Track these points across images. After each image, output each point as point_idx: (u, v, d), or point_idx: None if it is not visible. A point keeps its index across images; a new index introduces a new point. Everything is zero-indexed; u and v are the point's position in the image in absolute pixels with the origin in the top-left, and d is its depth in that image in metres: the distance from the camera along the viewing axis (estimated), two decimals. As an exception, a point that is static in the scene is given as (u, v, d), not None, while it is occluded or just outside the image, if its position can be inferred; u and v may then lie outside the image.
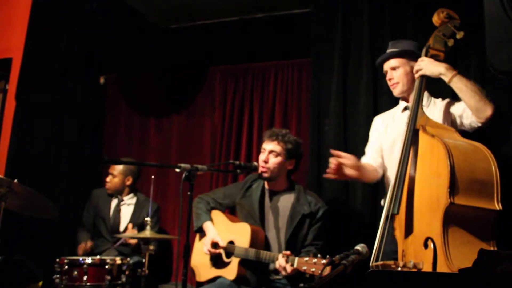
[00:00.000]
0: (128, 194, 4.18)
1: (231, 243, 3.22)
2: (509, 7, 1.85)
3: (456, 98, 2.73)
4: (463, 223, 2.12)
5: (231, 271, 3.16)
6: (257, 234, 3.16)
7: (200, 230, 3.35)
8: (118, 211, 4.11)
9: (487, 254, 1.51)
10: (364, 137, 3.29)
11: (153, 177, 3.54)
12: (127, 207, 4.15)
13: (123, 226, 4.06)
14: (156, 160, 4.62)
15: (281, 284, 3.14)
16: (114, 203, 4.15)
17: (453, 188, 2.11)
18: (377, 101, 3.51)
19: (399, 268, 2.18)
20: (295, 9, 4.22)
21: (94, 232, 4.11)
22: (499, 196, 2.15)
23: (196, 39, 4.56)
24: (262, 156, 3.24)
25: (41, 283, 3.77)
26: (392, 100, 3.19)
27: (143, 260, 3.29)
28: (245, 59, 4.45)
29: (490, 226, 2.16)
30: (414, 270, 2.14)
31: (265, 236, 3.21)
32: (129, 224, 3.97)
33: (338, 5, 3.75)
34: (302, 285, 2.81)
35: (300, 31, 4.06)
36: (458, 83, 2.55)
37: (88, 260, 3.25)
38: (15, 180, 3.02)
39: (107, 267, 3.23)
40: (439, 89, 2.95)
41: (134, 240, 3.84)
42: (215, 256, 3.28)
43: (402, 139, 2.48)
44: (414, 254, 2.23)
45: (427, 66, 2.62)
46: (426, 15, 2.77)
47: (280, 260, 2.88)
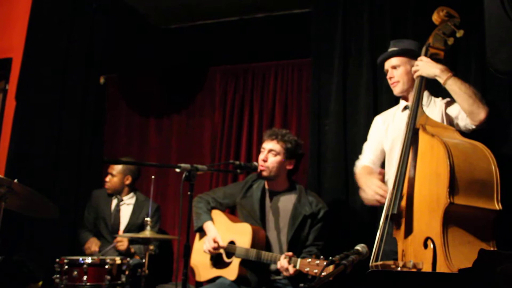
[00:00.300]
0: (127, 194, 4.17)
1: (232, 243, 3.21)
2: (509, 7, 1.85)
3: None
4: (463, 223, 2.12)
5: (232, 271, 3.15)
6: (258, 234, 3.16)
7: (201, 230, 3.34)
8: (117, 211, 4.11)
9: (487, 254, 1.51)
10: (364, 137, 3.28)
11: (153, 177, 3.54)
12: (126, 207, 4.14)
13: (123, 226, 4.05)
14: (156, 160, 4.62)
15: (281, 284, 3.13)
16: (114, 203, 4.15)
17: (452, 188, 2.11)
18: (377, 101, 3.51)
19: (399, 268, 2.18)
20: (295, 9, 4.22)
21: (95, 232, 4.11)
22: (499, 196, 2.15)
23: (196, 39, 4.56)
24: (261, 155, 3.25)
25: (41, 283, 3.77)
26: (392, 100, 3.19)
27: (143, 260, 3.29)
28: (245, 59, 4.45)
29: (490, 226, 2.16)
30: (414, 270, 2.14)
31: (265, 236, 3.21)
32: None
33: (338, 5, 3.75)
34: (302, 285, 2.80)
35: (300, 31, 4.06)
36: (452, 86, 2.56)
37: (88, 260, 3.25)
38: (15, 180, 3.02)
39: (107, 267, 3.23)
40: (439, 88, 2.95)
41: (124, 246, 3.83)
42: (216, 256, 3.28)
43: (402, 139, 2.47)
44: (414, 254, 2.23)
45: (423, 66, 2.63)
46: (426, 14, 2.77)
47: (282, 261, 2.88)
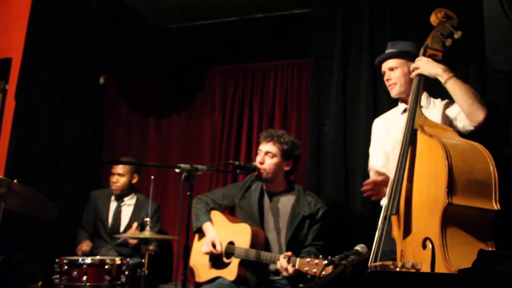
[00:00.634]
0: (128, 194, 4.18)
1: (231, 243, 3.22)
2: (508, 8, 1.85)
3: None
4: (462, 224, 2.12)
5: (231, 271, 3.16)
6: (257, 235, 3.16)
7: (200, 231, 3.35)
8: (119, 212, 4.11)
9: (486, 254, 1.50)
10: (364, 137, 3.29)
11: (152, 177, 3.54)
12: (127, 207, 4.14)
13: (123, 226, 4.05)
14: (156, 160, 4.62)
15: (281, 285, 3.13)
16: (113, 204, 4.14)
17: (451, 188, 2.10)
18: (377, 101, 3.51)
19: (398, 269, 2.18)
20: (295, 9, 4.21)
21: (93, 233, 4.11)
22: (498, 196, 2.14)
23: (196, 39, 4.55)
24: (258, 158, 3.24)
25: (40, 283, 3.78)
26: (392, 100, 3.18)
27: (143, 260, 3.29)
28: (245, 59, 4.44)
29: (488, 226, 2.15)
30: (413, 270, 2.14)
31: (265, 237, 3.21)
32: (134, 223, 3.94)
33: (338, 5, 3.75)
34: (301, 285, 2.80)
35: (300, 31, 4.05)
36: (453, 86, 2.55)
37: (88, 260, 3.25)
38: (15, 180, 3.02)
39: (106, 267, 3.23)
40: (438, 89, 2.95)
41: (134, 241, 3.83)
42: (215, 256, 3.28)
43: (401, 140, 2.47)
44: (413, 254, 2.22)
45: (424, 65, 2.61)
46: (426, 14, 2.76)
47: (281, 261, 2.88)
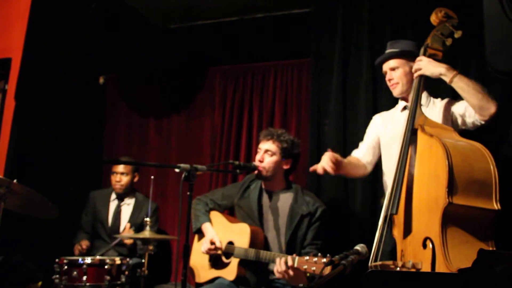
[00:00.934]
0: (130, 193, 4.18)
1: (231, 243, 3.21)
2: (508, 7, 1.85)
3: (456, 97, 2.72)
4: (462, 223, 2.12)
5: (230, 271, 3.15)
6: (256, 235, 3.16)
7: (199, 232, 3.35)
8: (118, 212, 4.11)
9: (486, 254, 1.50)
10: (364, 137, 3.28)
11: (152, 177, 3.54)
12: (126, 207, 4.14)
13: (123, 226, 4.06)
14: (156, 160, 4.62)
15: (280, 284, 3.13)
16: (113, 204, 4.14)
17: (451, 188, 2.10)
18: (377, 101, 3.51)
19: (398, 268, 2.18)
20: (295, 9, 4.21)
21: (93, 233, 4.11)
22: (498, 196, 2.15)
23: (196, 39, 4.55)
24: (257, 156, 3.24)
25: (40, 283, 3.78)
26: (392, 100, 3.19)
27: (143, 260, 3.29)
28: (245, 59, 4.44)
29: (489, 226, 2.15)
30: (413, 270, 2.14)
31: (264, 236, 3.21)
32: (127, 224, 3.96)
33: (338, 5, 3.75)
34: (301, 285, 2.80)
35: (300, 31, 4.05)
36: (459, 83, 2.53)
37: (88, 260, 3.25)
38: (15, 180, 3.02)
39: (106, 267, 3.23)
40: (438, 89, 2.95)
41: (130, 241, 3.84)
42: (214, 256, 3.28)
43: (401, 139, 2.47)
44: (413, 254, 2.22)
45: (426, 66, 2.59)
46: (426, 14, 2.76)
47: (278, 265, 2.84)
